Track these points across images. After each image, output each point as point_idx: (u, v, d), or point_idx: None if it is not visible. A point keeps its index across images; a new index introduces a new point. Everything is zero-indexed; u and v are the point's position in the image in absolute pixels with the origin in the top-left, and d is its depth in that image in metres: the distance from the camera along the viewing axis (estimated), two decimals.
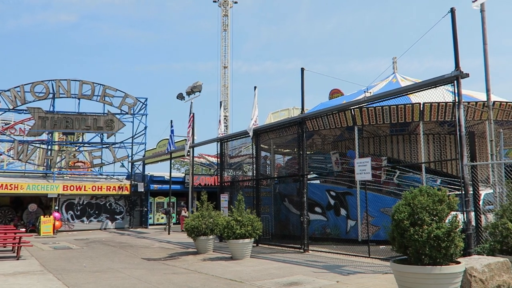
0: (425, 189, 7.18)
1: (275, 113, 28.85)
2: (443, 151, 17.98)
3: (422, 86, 11.46)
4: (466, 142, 9.90)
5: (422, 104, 14.86)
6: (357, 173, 12.12)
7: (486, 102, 11.14)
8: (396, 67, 20.76)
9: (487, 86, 10.71)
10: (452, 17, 9.97)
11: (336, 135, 20.55)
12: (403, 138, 18.17)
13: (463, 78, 10.13)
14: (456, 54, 10.00)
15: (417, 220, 6.79)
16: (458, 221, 6.89)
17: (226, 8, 52.51)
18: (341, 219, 16.50)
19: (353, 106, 14.75)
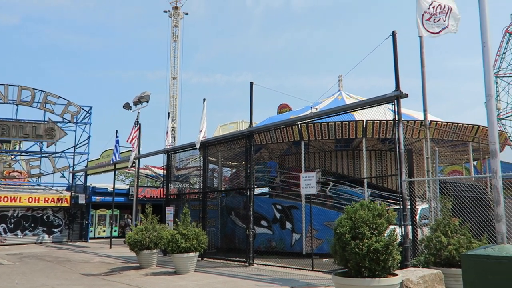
0: (366, 204, 7.44)
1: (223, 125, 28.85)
2: (384, 167, 18.75)
3: (365, 104, 11.94)
4: (405, 159, 10.39)
5: (365, 121, 15.47)
6: (302, 187, 12.33)
7: (423, 121, 11.77)
8: (342, 85, 21.51)
9: (424, 106, 11.33)
10: (393, 40, 10.51)
11: (283, 149, 20.86)
12: (347, 154, 18.77)
13: (403, 98, 10.66)
14: (397, 75, 10.52)
15: (358, 233, 7.00)
16: (396, 234, 7.19)
17: (176, 19, 52.24)
18: (286, 232, 16.67)
19: (300, 121, 15.07)
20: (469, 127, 17.03)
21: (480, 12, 5.46)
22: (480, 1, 5.49)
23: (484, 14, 5.43)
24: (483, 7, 5.45)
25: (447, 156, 22.27)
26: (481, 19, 5.44)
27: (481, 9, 5.45)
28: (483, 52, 5.44)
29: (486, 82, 5.45)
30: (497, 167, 5.44)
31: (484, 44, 5.45)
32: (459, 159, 23.57)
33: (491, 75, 5.58)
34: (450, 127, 16.55)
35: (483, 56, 5.47)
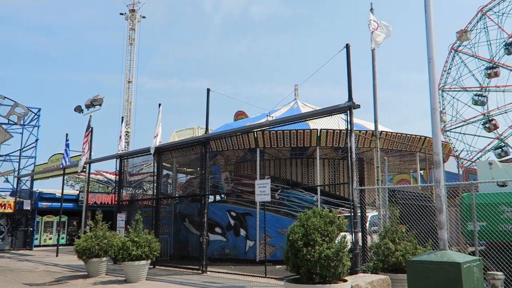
0: (318, 211, 7.60)
1: (179, 131, 28.52)
2: (337, 175, 19.22)
3: (319, 114, 12.22)
4: (356, 167, 10.71)
5: (319, 130, 15.82)
6: (257, 194, 12.40)
7: (374, 132, 12.21)
8: (298, 94, 21.91)
9: (375, 117, 11.78)
10: (347, 52, 10.85)
11: (239, 156, 20.91)
12: (302, 162, 19.09)
13: (355, 109, 11.00)
14: (350, 86, 10.85)
15: (310, 240, 7.14)
16: (346, 241, 7.39)
17: (133, 22, 51.28)
18: (240, 239, 16.67)
19: (256, 129, 15.18)
20: (417, 138, 17.82)
21: (427, 31, 5.78)
22: (426, 21, 5.81)
23: (430, 32, 5.75)
24: (429, 26, 5.77)
25: (396, 165, 23.15)
26: (428, 37, 5.75)
27: (427, 27, 5.77)
28: (429, 67, 5.75)
29: (431, 96, 5.75)
30: (441, 177, 5.74)
31: (430, 60, 5.76)
32: (407, 168, 24.57)
33: (436, 90, 5.90)
34: (399, 137, 17.24)
35: (429, 71, 5.78)
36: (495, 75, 46.60)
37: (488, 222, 10.02)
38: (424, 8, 5.79)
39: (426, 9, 5.81)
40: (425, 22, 5.77)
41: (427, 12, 5.78)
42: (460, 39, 48.11)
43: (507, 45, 45.79)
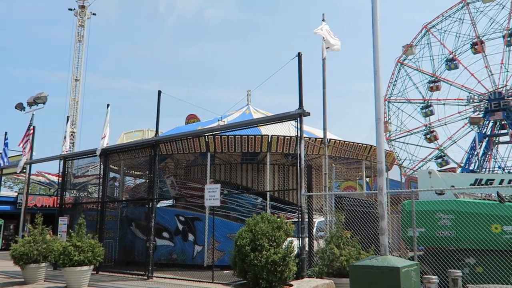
0: (267, 216, 7.68)
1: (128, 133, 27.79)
2: (286, 181, 19.50)
3: (271, 120, 12.37)
4: (305, 174, 10.93)
5: (270, 136, 16.00)
6: (206, 198, 12.32)
7: (323, 139, 12.52)
8: (250, 99, 22.05)
9: (324, 125, 12.09)
10: (298, 60, 11.09)
11: (189, 160, 20.69)
12: (252, 167, 19.19)
13: (306, 116, 11.24)
14: (301, 94, 11.08)
15: (258, 245, 7.19)
16: (293, 246, 7.51)
17: (82, 18, 49.57)
18: (188, 244, 16.48)
19: (207, 133, 15.12)
20: (363, 147, 18.45)
21: (374, 45, 6.03)
22: (373, 35, 6.06)
23: (377, 47, 6.00)
24: (376, 41, 6.02)
25: (343, 172, 23.83)
26: (374, 51, 6.00)
27: (374, 42, 6.02)
28: (375, 79, 5.99)
29: (376, 106, 6.00)
30: (383, 185, 5.98)
31: (376, 72, 6.01)
32: (354, 175, 25.36)
33: (381, 101, 6.15)
34: (347, 145, 17.78)
35: (374, 83, 6.03)
36: (436, 89, 49.36)
37: (427, 228, 10.55)
38: (372, 23, 6.04)
39: (373, 23, 6.06)
40: (372, 36, 6.02)
41: (374, 27, 6.03)
42: (405, 53, 50.55)
43: (448, 61, 48.63)
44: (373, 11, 5.98)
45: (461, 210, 10.11)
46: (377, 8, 5.98)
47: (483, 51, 46.52)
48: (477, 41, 46.44)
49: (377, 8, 5.98)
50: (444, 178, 11.60)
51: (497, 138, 47.06)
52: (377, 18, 5.96)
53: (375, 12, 5.96)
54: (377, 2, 5.92)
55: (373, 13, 5.98)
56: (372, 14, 5.97)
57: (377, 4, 5.94)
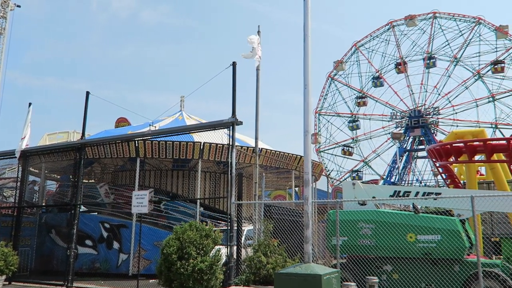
0: (195, 224, 7.64)
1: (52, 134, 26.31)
2: (217, 189, 19.49)
3: (203, 127, 12.35)
4: (235, 182, 11.01)
5: (203, 143, 15.94)
6: (133, 205, 11.97)
7: (255, 149, 12.72)
8: (184, 105, 21.84)
9: (256, 135, 12.29)
10: (233, 70, 11.20)
11: (118, 165, 19.99)
12: (183, 174, 18.97)
13: (238, 125, 11.36)
14: (234, 103, 11.19)
15: (185, 254, 7.13)
16: (221, 254, 7.53)
17: (5, 10, 46.31)
18: (113, 252, 15.85)
19: (137, 138, 14.73)
20: (293, 157, 18.96)
21: (304, 60, 6.28)
22: (304, 52, 6.31)
23: (307, 62, 6.26)
24: (306, 57, 6.28)
25: (274, 181, 24.30)
26: (304, 66, 6.25)
27: (305, 58, 6.27)
28: (305, 93, 6.23)
29: (304, 119, 6.23)
30: (309, 195, 6.21)
31: (306, 86, 6.25)
32: (284, 185, 25.94)
33: (309, 114, 6.40)
34: (277, 155, 18.17)
35: (304, 96, 6.27)
36: (363, 104, 52.14)
37: (349, 237, 11.04)
38: (303, 39, 6.30)
39: (304, 39, 6.31)
40: (303, 52, 6.28)
41: (305, 42, 6.28)
42: (336, 69, 52.90)
43: (374, 78, 51.66)
44: (305, 28, 6.24)
45: (380, 220, 10.70)
46: (309, 25, 6.24)
47: (406, 71, 49.95)
48: (401, 61, 49.79)
49: (309, 25, 6.24)
50: (367, 189, 12.22)
51: (416, 153, 50.60)
52: (308, 34, 6.23)
53: (306, 28, 6.22)
54: (309, 19, 6.18)
55: (305, 30, 6.23)
56: (304, 30, 6.22)
57: (309, 21, 6.20)
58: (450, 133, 24.16)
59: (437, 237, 10.02)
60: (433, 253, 10.02)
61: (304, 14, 6.17)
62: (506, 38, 44.78)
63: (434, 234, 10.06)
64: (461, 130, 26.79)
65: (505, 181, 18.46)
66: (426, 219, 10.39)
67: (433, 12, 48.45)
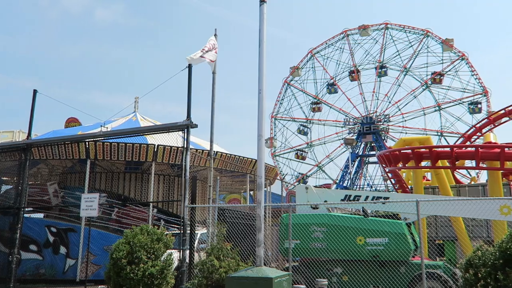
0: (146, 228, 7.49)
1: None
2: (171, 192, 19.22)
3: (157, 129, 12.15)
4: (189, 185, 10.90)
5: (157, 145, 15.68)
6: (82, 208, 11.57)
7: (210, 152, 12.66)
8: (138, 107, 21.40)
9: (211, 138, 12.25)
10: (189, 72, 11.11)
11: (66, 167, 19.26)
12: (136, 176, 18.56)
13: (193, 128, 11.26)
14: (189, 105, 11.10)
15: (135, 258, 6.98)
16: (172, 259, 7.42)
17: None
18: (60, 258, 15.23)
19: (88, 139, 14.27)
20: (248, 161, 19.04)
21: (259, 65, 6.33)
22: (260, 56, 6.37)
23: (262, 67, 6.32)
24: (261, 61, 6.34)
25: (229, 185, 24.27)
26: (259, 71, 6.31)
27: (260, 62, 6.33)
28: (259, 98, 6.29)
29: (259, 123, 6.28)
30: (261, 198, 6.26)
31: (260, 91, 6.31)
32: (239, 188, 25.97)
33: (263, 118, 6.46)
34: (233, 159, 18.18)
35: (258, 101, 6.32)
36: (318, 110, 53.25)
37: (302, 240, 11.22)
38: (258, 44, 6.36)
39: (260, 45, 6.37)
40: (258, 57, 6.33)
41: (260, 47, 6.35)
42: (292, 74, 53.73)
43: (329, 85, 52.94)
44: (260, 33, 6.31)
45: (332, 223, 10.96)
46: (264, 30, 6.32)
47: (359, 79, 51.53)
48: (354, 69, 51.32)
49: (264, 31, 6.31)
50: (319, 193, 12.49)
51: (367, 158, 52.24)
52: (264, 40, 6.30)
53: (262, 34, 6.29)
54: (264, 25, 6.26)
55: (260, 35, 6.30)
56: (259, 35, 6.29)
57: (264, 27, 6.27)
58: (399, 140, 25.15)
59: (385, 240, 10.39)
60: (381, 256, 10.38)
61: (259, 19, 6.24)
62: (451, 51, 47.25)
63: (382, 237, 10.43)
64: (409, 137, 27.99)
65: (448, 187, 19.44)
66: (375, 222, 10.76)
67: (385, 23, 50.31)
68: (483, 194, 20.27)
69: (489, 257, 6.26)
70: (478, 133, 28.94)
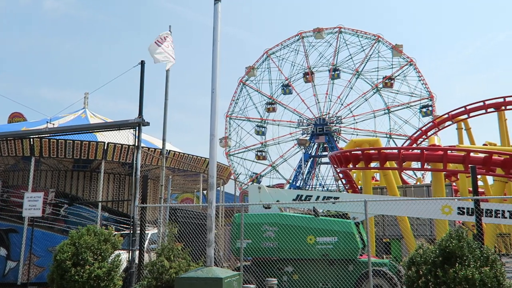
0: (93, 229, 7.25)
1: None
2: (122, 191, 18.71)
3: (108, 127, 11.81)
4: (140, 184, 10.67)
5: (107, 143, 15.21)
6: (25, 208, 11.03)
7: (162, 151, 12.44)
8: (88, 103, 20.66)
9: (164, 137, 12.04)
10: (141, 69, 10.87)
11: (9, 164, 18.27)
12: (85, 175, 17.93)
13: (145, 126, 11.03)
14: (141, 103, 10.86)
15: (81, 260, 6.73)
16: (120, 260, 7.23)
17: None
18: (0, 260, 14.44)
19: (33, 135, 13.62)
20: (201, 160, 18.88)
21: (213, 64, 6.30)
22: (213, 55, 6.34)
23: (216, 66, 6.29)
24: (215, 60, 6.31)
25: (182, 184, 23.97)
26: (213, 70, 6.27)
27: (213, 62, 6.29)
28: (212, 97, 6.25)
29: (211, 123, 6.25)
30: (213, 198, 6.23)
31: (213, 90, 6.27)
32: (192, 188, 25.70)
33: (216, 118, 6.43)
34: (186, 158, 17.96)
35: (211, 100, 6.28)
36: (273, 110, 53.78)
37: (253, 240, 11.28)
38: (212, 43, 6.31)
39: (214, 44, 6.33)
40: (212, 56, 6.29)
41: (214, 46, 6.31)
42: (247, 74, 53.94)
43: (284, 86, 53.61)
44: (214, 32, 6.27)
45: (283, 223, 11.10)
46: (218, 29, 6.28)
47: (313, 81, 52.53)
48: (309, 71, 52.27)
49: (218, 30, 6.28)
50: (271, 193, 12.61)
51: (320, 159, 53.34)
52: (218, 39, 6.26)
53: (216, 33, 6.25)
54: (219, 24, 6.22)
55: (214, 34, 6.26)
56: (213, 34, 6.24)
57: (218, 26, 6.24)
58: (349, 142, 25.88)
59: (334, 239, 10.65)
60: (330, 254, 10.62)
61: (214, 18, 6.20)
62: (400, 56, 49.20)
63: (332, 236, 10.68)
64: (359, 139, 28.86)
65: (395, 187, 20.23)
66: (325, 222, 10.99)
67: (338, 27, 51.58)
68: (428, 194, 21.27)
69: (430, 255, 6.57)
70: (424, 136, 30.36)
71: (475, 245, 6.55)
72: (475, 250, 6.45)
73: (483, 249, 6.52)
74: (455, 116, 28.57)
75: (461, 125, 29.53)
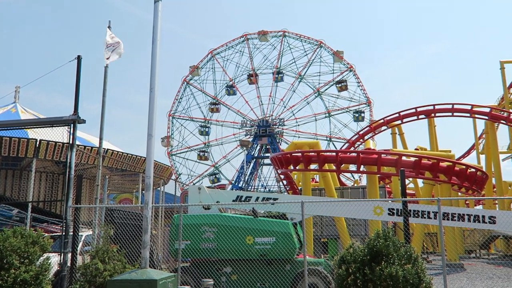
0: (20, 231, 6.88)
1: None
2: (55, 191, 17.87)
3: (40, 123, 11.25)
4: (74, 184, 10.24)
5: (39, 140, 14.47)
6: None
7: (99, 149, 12.03)
8: (19, 97, 19.54)
9: (101, 135, 11.66)
10: (78, 64, 10.44)
11: None
12: (14, 173, 16.93)
13: (80, 123, 10.60)
14: (77, 99, 10.43)
15: (5, 264, 6.37)
16: (50, 263, 6.91)
17: None
18: None
19: None
20: (141, 159, 18.48)
21: (152, 62, 6.21)
22: (153, 53, 6.25)
23: (155, 64, 6.20)
24: (154, 59, 6.22)
25: (120, 184, 23.29)
26: (152, 68, 6.18)
27: (153, 60, 6.20)
28: (150, 96, 6.16)
29: (149, 122, 6.15)
30: (149, 199, 6.13)
31: (152, 89, 6.18)
32: (131, 188, 25.05)
33: (154, 117, 6.34)
34: (124, 157, 17.49)
35: (150, 99, 6.18)
36: (216, 111, 53.65)
37: (192, 241, 11.20)
38: (152, 42, 6.22)
39: (153, 42, 6.24)
40: (151, 55, 6.20)
41: (154, 44, 6.22)
42: (192, 74, 53.42)
43: (228, 87, 53.68)
44: (154, 30, 6.18)
45: (222, 223, 11.12)
46: (158, 28, 6.20)
47: (257, 82, 53.04)
48: (253, 73, 52.71)
49: (158, 28, 6.20)
50: (212, 194, 12.59)
51: (262, 160, 53.93)
52: (158, 38, 6.18)
53: (156, 31, 6.16)
54: (159, 22, 6.14)
55: (154, 33, 6.17)
56: (153, 33, 6.15)
57: (158, 24, 6.16)
58: (290, 144, 26.44)
59: (272, 239, 10.83)
60: (268, 254, 10.79)
61: (154, 16, 6.10)
62: (341, 62, 50.95)
63: (270, 236, 10.85)
64: (300, 141, 29.56)
65: (333, 188, 20.93)
66: (263, 222, 11.15)
67: (283, 31, 52.47)
68: (363, 196, 22.20)
69: (359, 254, 6.89)
70: (361, 140, 31.65)
71: (400, 244, 6.97)
72: (400, 249, 6.86)
73: (407, 247, 6.95)
74: (389, 122, 30.08)
75: (395, 130, 31.16)
